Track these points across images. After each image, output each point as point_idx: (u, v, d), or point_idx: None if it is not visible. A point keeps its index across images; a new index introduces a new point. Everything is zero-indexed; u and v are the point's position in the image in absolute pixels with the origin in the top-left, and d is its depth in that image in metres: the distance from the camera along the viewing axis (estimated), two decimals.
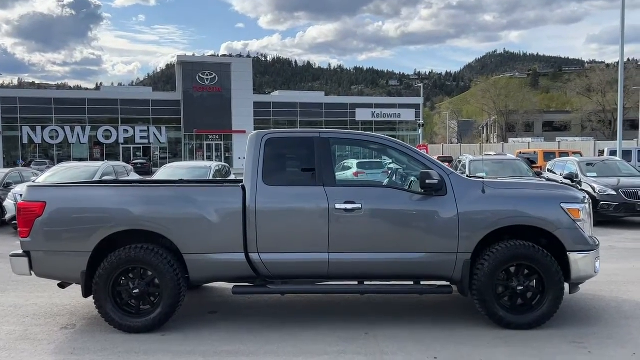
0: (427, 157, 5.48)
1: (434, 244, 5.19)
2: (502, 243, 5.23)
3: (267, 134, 5.49)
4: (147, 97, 58.19)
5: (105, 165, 14.97)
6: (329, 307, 6.00)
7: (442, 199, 5.24)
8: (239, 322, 5.56)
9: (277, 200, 5.26)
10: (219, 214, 5.21)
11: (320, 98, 65.88)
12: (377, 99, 75.80)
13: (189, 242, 5.20)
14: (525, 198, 5.30)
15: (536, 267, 5.19)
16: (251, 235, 5.19)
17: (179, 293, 5.21)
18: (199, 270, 5.26)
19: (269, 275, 5.32)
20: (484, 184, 5.31)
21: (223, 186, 5.52)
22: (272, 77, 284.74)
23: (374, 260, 5.22)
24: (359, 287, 5.36)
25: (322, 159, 5.36)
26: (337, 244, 5.20)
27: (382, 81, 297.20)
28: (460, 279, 5.26)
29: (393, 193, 5.36)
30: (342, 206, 5.19)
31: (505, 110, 72.04)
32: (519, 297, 5.26)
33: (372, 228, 5.22)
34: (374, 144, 5.67)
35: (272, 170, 5.37)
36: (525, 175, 14.22)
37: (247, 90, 58.22)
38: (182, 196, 5.29)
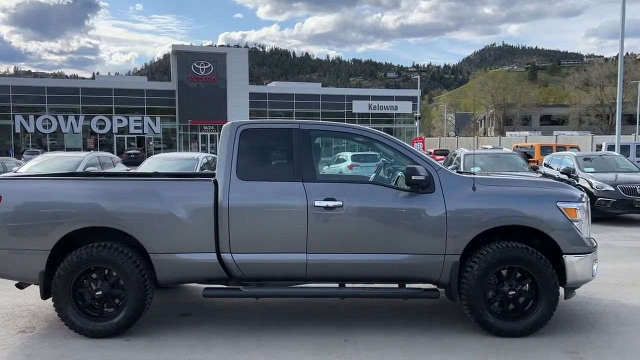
0: (414, 151, 5.10)
1: (420, 244, 4.83)
2: (493, 244, 4.87)
3: (242, 125, 5.10)
4: (141, 86, 57.60)
5: (90, 156, 14.57)
6: (306, 311, 5.64)
7: (429, 197, 4.87)
8: (212, 325, 5.19)
9: (252, 197, 4.88)
10: (189, 210, 4.83)
11: (316, 89, 65.36)
12: (374, 91, 75.35)
13: (156, 240, 4.82)
14: (519, 196, 4.93)
15: (529, 270, 4.83)
16: (223, 234, 4.81)
17: (145, 295, 4.83)
18: (167, 271, 4.88)
19: (242, 277, 4.95)
20: (474, 181, 4.93)
21: (193, 181, 5.13)
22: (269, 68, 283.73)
23: (355, 262, 4.86)
24: (339, 291, 4.99)
25: (301, 152, 4.98)
26: (316, 244, 4.83)
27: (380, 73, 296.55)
28: (448, 282, 4.90)
29: (377, 190, 4.99)
30: (321, 203, 4.81)
31: (503, 103, 71.71)
32: (511, 303, 4.90)
33: (354, 227, 4.85)
34: (358, 137, 5.28)
35: (247, 164, 4.99)
36: (522, 170, 13.87)
37: (242, 80, 57.67)
38: (148, 191, 4.90)
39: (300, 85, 74.75)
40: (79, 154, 15.11)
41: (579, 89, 68.06)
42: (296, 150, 4.98)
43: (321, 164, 5.31)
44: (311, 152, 5.00)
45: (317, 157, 5.19)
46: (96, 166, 14.45)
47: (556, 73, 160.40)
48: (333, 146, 44.13)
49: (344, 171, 20.94)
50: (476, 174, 5.33)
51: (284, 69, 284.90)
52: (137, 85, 57.89)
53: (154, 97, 56.48)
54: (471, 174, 5.20)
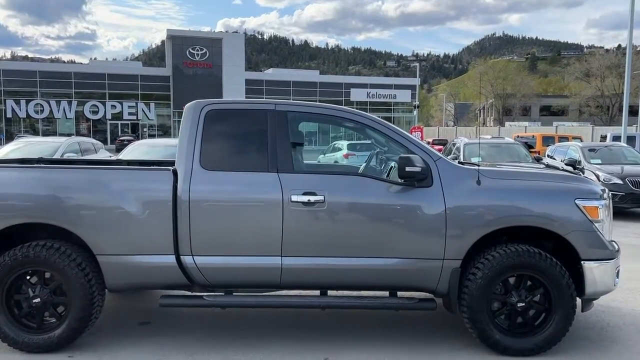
0: (410, 139, 4.36)
1: (415, 247, 4.12)
2: (500, 248, 4.16)
3: (208, 104, 4.35)
4: (135, 72, 56.51)
5: (69, 142, 13.75)
6: (282, 322, 4.92)
7: (426, 191, 4.14)
8: (172, 337, 4.48)
9: (217, 190, 4.15)
10: (142, 204, 4.10)
11: (314, 77, 64.35)
12: (373, 79, 74.23)
13: (104, 240, 4.10)
14: (531, 192, 4.20)
15: (542, 278, 4.13)
16: (183, 233, 4.09)
17: (91, 304, 4.11)
18: (118, 275, 4.16)
19: (206, 284, 4.24)
20: (479, 173, 4.21)
21: (147, 169, 4.39)
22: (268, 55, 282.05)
23: (339, 267, 4.14)
24: (319, 300, 4.26)
25: (277, 137, 4.24)
26: (293, 246, 4.12)
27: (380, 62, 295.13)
28: (446, 291, 4.20)
29: (366, 183, 4.25)
30: (299, 198, 4.09)
31: (502, 93, 70.79)
32: (519, 316, 4.20)
33: (337, 226, 4.13)
34: (344, 121, 4.53)
35: (213, 151, 4.25)
36: (524, 160, 13.14)
37: (239, 66, 56.63)
38: (93, 181, 4.15)
39: (297, 72, 73.57)
40: (58, 139, 14.30)
41: (580, 79, 67.17)
42: (271, 135, 4.24)
43: (302, 151, 4.54)
44: (288, 138, 4.26)
45: (297, 144, 4.46)
46: (76, 152, 13.66)
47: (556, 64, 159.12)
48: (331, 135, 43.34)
49: (340, 160, 20.17)
50: (480, 165, 4.60)
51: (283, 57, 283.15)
52: (132, 71, 56.80)
53: (148, 83, 55.43)
54: (475, 164, 4.47)
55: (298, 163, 4.38)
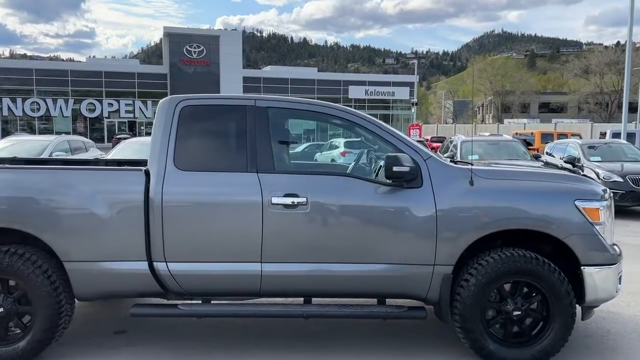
0: (399, 136, 4.09)
1: (404, 252, 3.86)
2: (495, 252, 3.91)
3: (183, 100, 4.08)
4: (132, 69, 56.13)
5: (58, 140, 13.48)
6: (267, 328, 4.66)
7: (415, 192, 3.88)
8: (149, 348, 4.23)
9: (192, 191, 3.88)
10: (112, 207, 3.83)
11: (312, 74, 63.99)
12: (371, 76, 73.95)
13: (71, 245, 3.83)
14: (528, 192, 3.94)
15: (539, 285, 3.87)
16: (156, 238, 3.83)
17: (58, 314, 3.85)
18: (87, 283, 3.90)
19: (181, 292, 3.97)
20: (472, 173, 3.94)
21: (117, 170, 4.12)
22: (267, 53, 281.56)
23: (323, 274, 3.88)
24: (302, 310, 3.98)
25: (257, 135, 3.97)
26: (273, 252, 3.85)
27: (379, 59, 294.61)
28: (437, 299, 3.94)
29: (351, 183, 3.99)
30: (280, 200, 3.82)
31: (501, 90, 70.57)
32: (515, 325, 3.94)
33: (320, 230, 3.86)
34: (330, 117, 4.24)
35: (188, 150, 3.98)
36: (523, 158, 12.88)
37: (236, 64, 56.25)
38: (58, 183, 3.88)
39: (295, 69, 73.27)
40: (48, 138, 14.00)
41: (579, 76, 66.92)
42: (250, 133, 3.98)
43: (286, 150, 4.28)
44: (269, 135, 3.99)
45: (279, 142, 4.19)
46: (66, 151, 13.39)
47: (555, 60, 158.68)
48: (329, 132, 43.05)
49: (337, 158, 19.87)
50: (475, 163, 4.34)
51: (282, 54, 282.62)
52: (129, 69, 56.41)
53: (145, 81, 55.06)
54: (469, 163, 4.21)
55: (280, 162, 4.12)
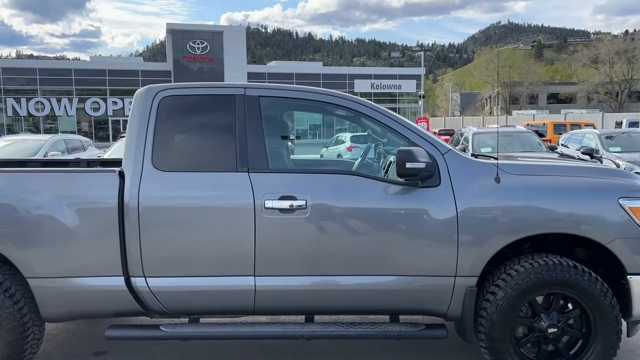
0: (412, 128, 3.54)
1: (420, 262, 3.32)
2: (525, 260, 3.36)
3: (163, 90, 3.55)
4: (136, 67, 55.69)
5: (54, 139, 13.00)
6: (264, 349, 4.15)
7: (432, 192, 3.34)
8: None
9: (173, 195, 3.35)
10: (82, 215, 3.31)
11: (317, 68, 63.29)
12: (377, 70, 73.08)
13: (35, 259, 3.32)
14: (564, 190, 3.37)
15: (578, 298, 3.32)
16: (133, 250, 3.31)
17: (23, 338, 3.35)
18: (55, 302, 3.39)
19: (162, 311, 3.46)
20: (498, 168, 3.39)
21: (87, 172, 3.60)
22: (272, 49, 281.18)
23: (326, 288, 3.36)
24: (304, 330, 3.44)
25: (247, 129, 3.44)
26: (268, 264, 3.33)
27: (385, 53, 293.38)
28: (460, 315, 3.40)
29: (358, 183, 3.44)
30: (275, 204, 3.29)
31: (509, 81, 69.51)
32: (550, 344, 3.39)
33: (323, 238, 3.33)
34: (333, 107, 3.69)
35: (168, 148, 3.47)
36: (538, 150, 12.29)
37: (240, 60, 55.62)
38: (17, 187, 3.36)
39: (300, 64, 72.54)
40: (44, 137, 13.54)
41: (587, 66, 65.74)
42: (239, 126, 3.44)
43: (284, 145, 3.74)
44: (262, 129, 3.46)
45: (274, 136, 3.67)
46: (62, 151, 12.94)
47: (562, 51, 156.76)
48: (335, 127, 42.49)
49: (343, 154, 19.30)
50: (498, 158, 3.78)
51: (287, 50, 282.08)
52: (132, 66, 55.99)
53: (149, 78, 54.48)
54: (492, 157, 3.65)
55: (275, 160, 3.58)
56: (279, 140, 3.81)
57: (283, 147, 3.86)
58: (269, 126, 3.59)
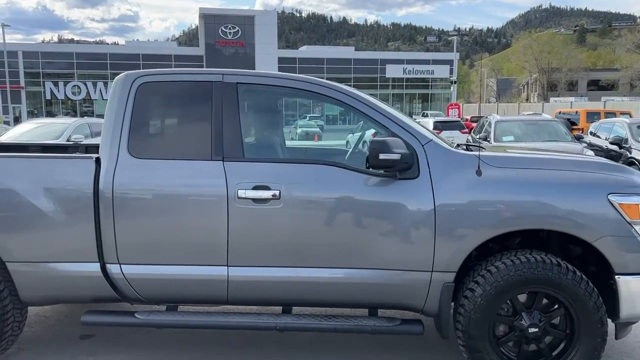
0: (391, 116, 3.41)
1: (395, 256, 3.22)
2: (507, 256, 3.23)
3: (141, 76, 3.53)
4: (169, 52, 56.34)
5: (78, 123, 13.28)
6: (249, 338, 4.12)
7: (410, 184, 3.23)
8: (116, 355, 3.76)
9: (146, 182, 3.34)
10: (58, 200, 3.34)
11: (349, 53, 62.73)
12: (409, 54, 71.89)
13: (13, 243, 3.37)
14: (549, 184, 3.21)
15: (561, 297, 3.18)
16: (107, 237, 3.32)
17: (3, 320, 3.42)
18: (33, 286, 3.43)
19: (138, 299, 3.47)
20: (480, 160, 3.25)
21: (64, 158, 3.61)
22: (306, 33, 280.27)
23: (300, 280, 3.30)
24: (277, 321, 3.38)
25: (223, 116, 3.38)
26: (242, 254, 3.29)
27: (420, 38, 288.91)
28: (437, 311, 3.30)
29: (335, 173, 3.34)
30: (248, 194, 3.24)
31: (547, 67, 67.54)
32: (532, 344, 3.27)
33: (297, 229, 3.27)
34: (307, 93, 3.57)
35: (144, 135, 3.45)
36: (563, 139, 11.86)
37: (271, 44, 55.63)
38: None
39: (331, 49, 72.08)
40: (68, 121, 13.84)
41: (632, 51, 63.18)
42: (216, 114, 3.39)
43: (261, 134, 3.68)
44: (238, 116, 3.40)
45: (252, 125, 3.60)
46: (86, 135, 13.19)
47: (606, 35, 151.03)
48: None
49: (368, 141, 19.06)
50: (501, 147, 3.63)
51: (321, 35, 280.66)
52: (166, 51, 56.66)
53: (182, 63, 55.07)
54: (479, 148, 3.51)
55: (252, 149, 3.53)
56: (259, 128, 3.75)
57: (264, 135, 3.80)
58: (247, 114, 3.53)
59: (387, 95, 61.03)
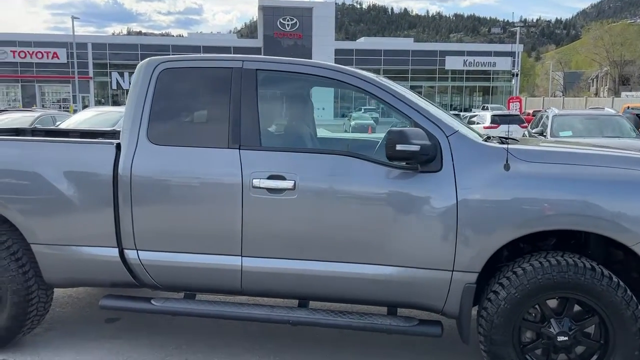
0: (414, 105, 3.22)
1: (413, 253, 3.06)
2: (535, 258, 3.00)
3: (163, 62, 3.50)
4: (228, 44, 57.30)
5: None
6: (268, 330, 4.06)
7: (432, 178, 3.05)
8: (130, 342, 3.81)
9: (162, 169, 3.32)
10: (79, 185, 3.38)
11: (407, 45, 61.65)
12: (470, 46, 69.83)
13: (37, 226, 3.45)
14: (583, 181, 2.95)
15: (595, 304, 2.91)
16: (125, 222, 3.33)
17: (27, 300, 3.50)
18: (55, 269, 3.50)
19: (154, 285, 3.47)
20: (508, 154, 3.03)
21: (85, 143, 3.64)
22: (366, 25, 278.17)
23: (314, 274, 3.20)
24: (289, 315, 3.29)
25: (241, 103, 3.31)
26: (255, 244, 3.22)
27: (484, 29, 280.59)
28: (457, 313, 3.11)
29: (353, 164, 3.19)
30: (263, 183, 3.16)
31: (619, 60, 63.95)
32: (561, 353, 3.02)
33: (311, 222, 3.16)
34: (334, 82, 3.42)
35: (164, 121, 3.42)
36: (628, 136, 11.14)
37: (328, 36, 55.50)
38: (22, 156, 3.48)
39: (389, 40, 70.96)
40: (123, 109, 14.25)
41: None
42: (234, 101, 3.32)
43: (281, 122, 3.59)
44: (256, 103, 3.32)
45: (270, 112, 3.51)
46: None
47: None
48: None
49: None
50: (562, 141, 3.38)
51: (381, 26, 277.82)
52: (225, 43, 57.70)
53: (241, 55, 56.00)
54: (507, 141, 3.27)
55: (270, 137, 3.44)
56: (280, 117, 3.66)
57: (286, 124, 3.70)
58: (266, 101, 3.44)
59: (446, 87, 59.66)
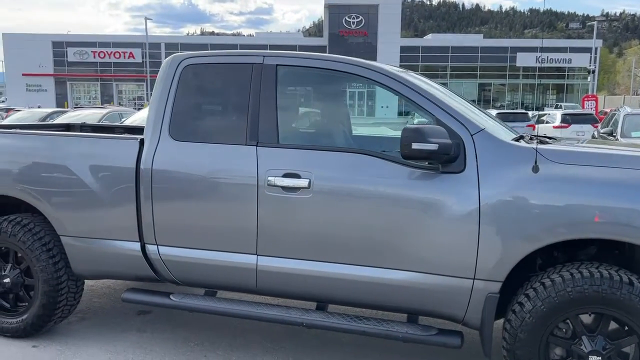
0: (438, 102, 3.03)
1: (432, 258, 2.89)
2: (567, 269, 2.75)
3: (186, 59, 3.49)
4: (294, 42, 57.92)
5: None
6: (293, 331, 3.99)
7: (454, 179, 2.87)
8: (156, 336, 3.86)
9: (182, 165, 3.32)
10: (104, 179, 3.45)
11: (475, 41, 59.84)
12: (544, 42, 66.87)
13: (66, 218, 3.55)
14: (622, 186, 2.67)
15: (632, 322, 2.63)
16: (146, 217, 3.37)
17: (56, 290, 3.62)
18: (83, 260, 3.60)
19: (173, 280, 3.49)
20: (538, 154, 2.79)
21: (110, 138, 3.69)
22: (435, 21, 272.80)
23: (326, 275, 3.09)
24: (303, 317, 3.20)
25: (260, 99, 3.26)
26: (270, 243, 3.16)
27: (561, 24, 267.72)
28: (479, 324, 2.91)
29: (370, 163, 3.06)
30: (278, 181, 3.09)
31: None
32: None
33: (326, 222, 3.06)
34: (356, 77, 3.27)
35: (185, 117, 3.42)
36: None
37: (394, 33, 54.80)
38: (51, 149, 3.60)
39: (457, 37, 69.20)
40: None
41: None
42: (253, 97, 3.27)
43: (301, 119, 3.50)
44: (275, 100, 3.25)
45: (289, 108, 3.43)
46: None
47: None
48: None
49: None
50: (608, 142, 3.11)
51: (451, 22, 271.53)
52: (291, 42, 58.33)
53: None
54: (538, 141, 3.01)
55: (289, 134, 3.35)
56: (303, 113, 3.57)
57: (308, 121, 3.61)
58: (286, 97, 3.37)
59: (517, 85, 57.45)
